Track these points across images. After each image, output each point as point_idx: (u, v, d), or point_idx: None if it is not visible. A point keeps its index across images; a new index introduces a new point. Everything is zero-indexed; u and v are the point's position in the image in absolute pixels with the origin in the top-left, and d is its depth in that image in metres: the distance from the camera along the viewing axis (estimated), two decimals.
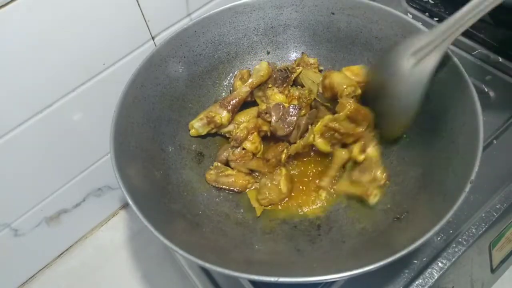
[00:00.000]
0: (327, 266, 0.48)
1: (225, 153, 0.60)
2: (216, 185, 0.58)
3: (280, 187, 0.56)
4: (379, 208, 0.53)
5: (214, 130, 0.61)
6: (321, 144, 0.56)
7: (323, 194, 0.56)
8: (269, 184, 0.56)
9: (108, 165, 0.57)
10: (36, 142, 0.61)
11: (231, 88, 0.66)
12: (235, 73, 0.66)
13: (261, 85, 0.63)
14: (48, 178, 0.67)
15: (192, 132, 0.61)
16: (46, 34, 0.53)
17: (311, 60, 0.65)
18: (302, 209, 0.56)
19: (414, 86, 0.49)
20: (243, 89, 0.61)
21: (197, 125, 0.60)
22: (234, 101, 0.61)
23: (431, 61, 0.47)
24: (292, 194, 0.57)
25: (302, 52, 0.67)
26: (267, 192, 0.56)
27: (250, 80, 0.62)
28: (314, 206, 0.56)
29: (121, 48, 0.62)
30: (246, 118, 0.62)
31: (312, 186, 0.58)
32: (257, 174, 0.59)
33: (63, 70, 0.57)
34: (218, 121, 0.60)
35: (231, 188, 0.58)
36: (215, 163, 0.59)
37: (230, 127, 0.61)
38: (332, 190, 0.56)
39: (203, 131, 0.60)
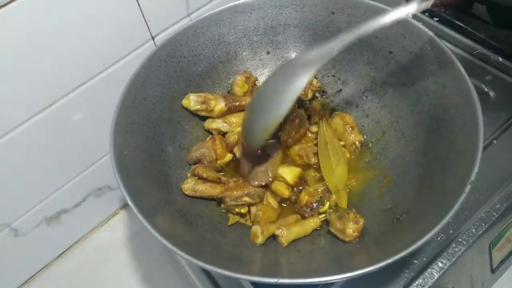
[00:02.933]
0: (327, 266, 0.48)
1: (196, 153, 0.59)
2: (195, 195, 0.56)
3: (271, 203, 0.55)
4: (379, 209, 0.53)
5: (203, 113, 0.62)
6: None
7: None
8: (260, 212, 0.54)
9: (108, 165, 0.56)
10: (36, 142, 0.61)
11: (229, 87, 0.66)
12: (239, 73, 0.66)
13: None
14: (48, 178, 0.67)
15: (184, 102, 0.61)
16: (46, 34, 0.53)
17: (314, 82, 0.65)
18: None
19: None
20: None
21: (192, 98, 0.60)
22: (236, 104, 0.61)
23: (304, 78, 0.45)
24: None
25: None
26: (264, 218, 0.54)
27: None
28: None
29: (121, 48, 0.62)
30: (237, 120, 0.61)
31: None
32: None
33: (63, 70, 0.57)
34: (212, 105, 0.60)
35: (210, 196, 0.56)
36: (189, 174, 0.58)
37: (219, 124, 0.61)
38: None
39: (194, 107, 0.61)
